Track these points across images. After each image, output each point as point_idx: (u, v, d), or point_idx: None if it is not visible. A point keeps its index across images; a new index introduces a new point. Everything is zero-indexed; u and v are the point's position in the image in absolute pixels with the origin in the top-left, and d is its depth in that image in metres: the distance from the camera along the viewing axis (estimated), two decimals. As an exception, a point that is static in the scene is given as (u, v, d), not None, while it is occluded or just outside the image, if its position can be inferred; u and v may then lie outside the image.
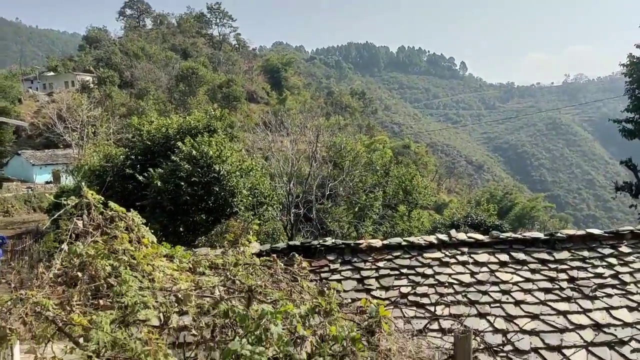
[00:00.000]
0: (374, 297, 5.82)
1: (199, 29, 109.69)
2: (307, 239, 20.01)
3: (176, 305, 3.54)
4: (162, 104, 61.13)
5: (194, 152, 18.30)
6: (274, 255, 4.71)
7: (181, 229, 18.56)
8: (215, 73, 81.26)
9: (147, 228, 4.02)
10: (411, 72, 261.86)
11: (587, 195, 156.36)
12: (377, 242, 7.03)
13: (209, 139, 19.13)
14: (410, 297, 5.94)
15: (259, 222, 19.62)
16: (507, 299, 5.85)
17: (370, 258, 6.76)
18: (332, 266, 6.65)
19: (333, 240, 7.14)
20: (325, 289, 4.13)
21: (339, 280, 6.27)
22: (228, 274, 4.02)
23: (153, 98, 63.35)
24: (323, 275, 6.46)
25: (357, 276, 6.43)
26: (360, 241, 7.10)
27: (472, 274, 6.32)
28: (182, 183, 17.73)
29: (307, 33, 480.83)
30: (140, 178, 18.50)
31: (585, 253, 6.64)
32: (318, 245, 6.97)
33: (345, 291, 5.99)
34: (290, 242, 7.27)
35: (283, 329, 3.32)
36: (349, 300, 5.23)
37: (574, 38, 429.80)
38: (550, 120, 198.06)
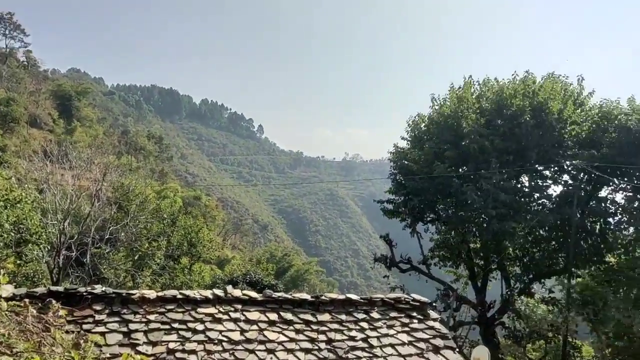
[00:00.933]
0: (139, 352, 5.48)
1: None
2: (76, 285, 17.88)
3: None
4: None
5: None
6: (26, 300, 4.14)
7: None
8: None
9: None
10: (211, 126, 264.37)
11: (352, 263, 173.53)
12: (152, 294, 6.71)
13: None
14: (178, 354, 5.75)
15: (18, 262, 16.91)
16: (272, 358, 6.07)
17: (141, 310, 6.40)
18: (98, 317, 6.10)
19: (103, 289, 6.59)
20: (82, 342, 3.76)
21: (102, 333, 5.76)
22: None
23: None
24: (86, 326, 5.85)
25: (125, 329, 6.00)
26: (133, 291, 6.69)
27: (242, 331, 6.42)
28: None
29: (108, 66, 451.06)
30: None
31: (343, 316, 7.29)
32: (85, 293, 6.35)
33: (108, 345, 5.53)
34: (53, 288, 6.46)
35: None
36: (108, 356, 4.84)
37: (355, 122, 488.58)
38: (329, 192, 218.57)
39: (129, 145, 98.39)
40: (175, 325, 6.29)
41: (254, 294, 7.33)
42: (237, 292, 7.24)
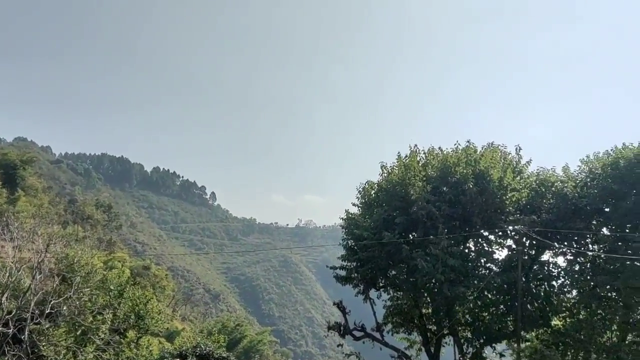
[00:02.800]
0: None
1: None
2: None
3: None
4: None
5: None
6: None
7: None
8: None
9: None
10: (163, 194, 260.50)
11: (306, 332, 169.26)
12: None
13: None
14: None
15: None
16: None
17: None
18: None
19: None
20: None
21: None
22: None
23: None
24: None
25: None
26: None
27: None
28: None
29: (57, 134, 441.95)
30: None
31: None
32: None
33: None
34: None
35: None
36: None
37: (308, 188, 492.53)
38: (283, 258, 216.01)
39: (76, 214, 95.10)
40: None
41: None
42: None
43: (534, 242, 24.33)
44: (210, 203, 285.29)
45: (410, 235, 25.29)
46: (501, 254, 25.95)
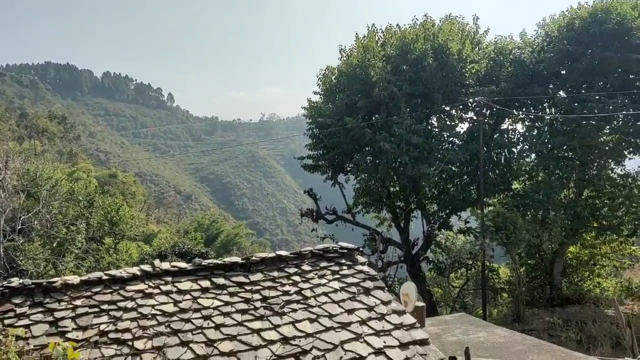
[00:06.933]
0: (69, 339, 5.34)
1: None
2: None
3: None
4: None
5: None
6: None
7: None
8: None
9: None
10: (118, 100, 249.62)
11: (281, 221, 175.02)
12: (75, 279, 6.50)
13: None
14: (111, 335, 5.66)
15: None
16: (208, 324, 6.13)
17: (66, 297, 6.20)
18: (19, 310, 5.85)
19: (20, 281, 6.29)
20: (1, 337, 3.64)
21: (27, 326, 5.55)
22: None
23: None
24: (7, 321, 5.61)
25: (50, 318, 5.80)
26: (55, 279, 6.44)
27: (175, 302, 6.42)
28: None
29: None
30: None
31: (275, 273, 7.43)
32: (1, 288, 6.05)
33: (34, 337, 5.36)
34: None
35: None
36: (38, 347, 4.72)
37: (268, 80, 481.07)
38: (250, 154, 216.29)
39: (30, 128, 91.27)
40: (104, 306, 6.15)
41: (183, 265, 7.29)
42: (165, 265, 7.17)
43: (494, 112, 24.75)
44: (169, 105, 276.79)
45: (373, 118, 25.32)
46: (463, 127, 26.47)
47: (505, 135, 25.88)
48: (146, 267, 7.06)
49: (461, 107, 25.50)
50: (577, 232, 24.27)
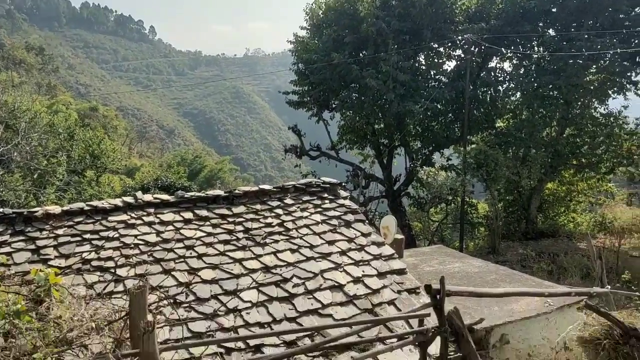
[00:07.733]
0: (52, 266, 5.43)
1: None
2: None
3: None
4: None
5: None
6: None
7: None
8: None
9: None
10: (97, 31, 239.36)
11: (264, 157, 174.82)
12: (56, 209, 6.51)
13: None
14: (94, 262, 5.76)
15: None
16: (191, 253, 6.25)
17: (47, 226, 6.23)
18: (1, 238, 5.90)
19: (1, 210, 6.29)
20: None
21: (8, 253, 5.61)
22: None
23: None
24: (-12, 249, 5.67)
25: (32, 247, 5.87)
26: (36, 209, 6.45)
27: (158, 233, 6.50)
28: None
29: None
30: None
31: (258, 206, 7.54)
32: (-20, 217, 6.07)
33: (16, 264, 5.43)
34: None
35: None
36: (20, 272, 4.79)
37: (254, 15, 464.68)
38: (234, 90, 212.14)
39: (6, 59, 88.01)
40: (87, 236, 6.21)
41: (165, 197, 7.33)
42: (147, 197, 7.20)
43: (482, 50, 24.40)
44: (151, 38, 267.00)
45: (360, 54, 24.86)
46: (450, 65, 26.15)
47: (492, 74, 25.68)
48: (128, 199, 7.08)
49: (449, 44, 25.07)
50: (557, 169, 24.72)
